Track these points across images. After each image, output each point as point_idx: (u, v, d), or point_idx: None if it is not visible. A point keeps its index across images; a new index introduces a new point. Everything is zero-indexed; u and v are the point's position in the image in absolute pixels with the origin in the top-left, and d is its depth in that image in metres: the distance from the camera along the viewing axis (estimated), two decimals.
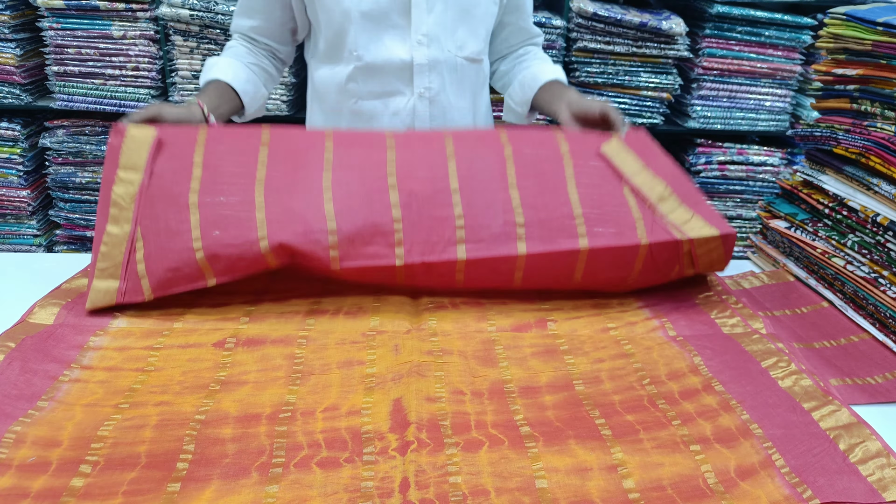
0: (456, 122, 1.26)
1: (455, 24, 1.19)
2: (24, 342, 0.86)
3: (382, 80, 1.19)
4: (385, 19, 1.14)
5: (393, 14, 1.14)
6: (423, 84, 1.19)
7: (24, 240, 2.44)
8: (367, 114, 1.22)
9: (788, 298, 1.11)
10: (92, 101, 2.25)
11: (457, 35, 1.19)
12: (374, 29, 1.15)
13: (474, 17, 1.21)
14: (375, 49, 1.16)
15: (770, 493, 0.67)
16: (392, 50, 1.16)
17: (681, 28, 2.17)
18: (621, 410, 0.80)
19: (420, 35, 1.16)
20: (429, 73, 1.18)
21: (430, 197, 0.99)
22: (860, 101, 1.09)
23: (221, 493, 0.66)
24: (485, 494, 0.67)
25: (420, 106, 1.20)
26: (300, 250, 0.95)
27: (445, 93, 1.22)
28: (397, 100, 1.20)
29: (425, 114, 1.21)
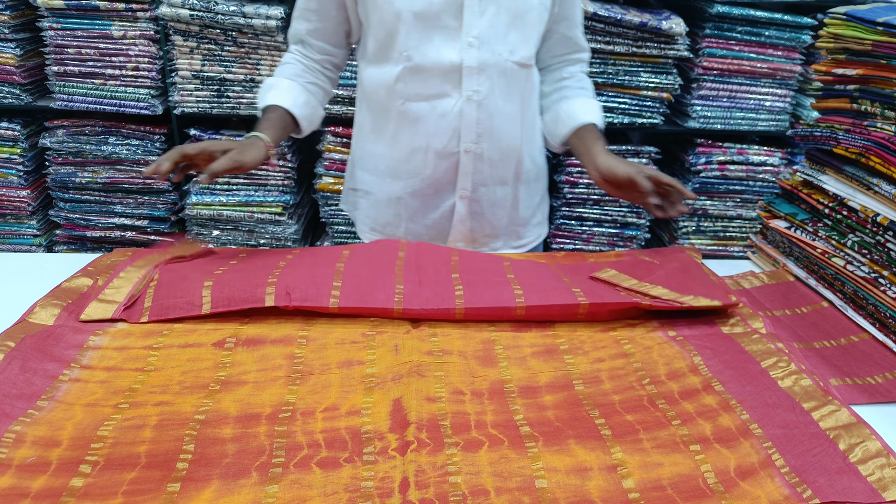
0: (503, 127, 1.23)
1: (507, 27, 1.17)
2: (23, 342, 0.86)
3: (430, 82, 1.18)
4: (436, 20, 1.14)
5: (445, 15, 1.14)
6: (472, 87, 1.18)
7: (23, 240, 2.44)
8: (414, 115, 1.21)
9: (788, 298, 1.11)
10: (92, 101, 2.24)
11: (508, 39, 1.18)
12: (425, 29, 1.14)
13: (526, 21, 1.19)
14: (425, 50, 1.16)
15: (770, 492, 0.67)
16: (441, 51, 1.16)
17: (681, 28, 2.17)
18: (621, 410, 0.80)
19: (471, 37, 1.15)
20: (478, 75, 1.17)
21: (432, 280, 1.02)
22: (860, 101, 1.09)
23: (221, 493, 0.66)
24: (485, 494, 0.67)
25: (467, 109, 1.19)
26: (301, 296, 0.97)
27: (494, 97, 1.20)
28: (445, 102, 1.19)
29: (472, 117, 1.20)
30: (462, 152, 1.23)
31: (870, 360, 0.94)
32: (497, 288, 0.99)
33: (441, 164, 1.24)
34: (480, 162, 1.24)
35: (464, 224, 1.31)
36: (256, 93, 2.22)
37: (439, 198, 1.28)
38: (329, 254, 1.10)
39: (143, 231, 2.41)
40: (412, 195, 1.28)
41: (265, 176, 2.33)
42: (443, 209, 1.29)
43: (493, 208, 1.31)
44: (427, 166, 1.25)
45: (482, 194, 1.28)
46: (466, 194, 1.27)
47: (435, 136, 1.22)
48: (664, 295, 0.99)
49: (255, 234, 2.40)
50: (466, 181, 1.26)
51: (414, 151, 1.24)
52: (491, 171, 1.26)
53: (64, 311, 0.95)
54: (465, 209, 1.29)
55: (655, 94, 2.29)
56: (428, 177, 1.26)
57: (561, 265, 1.17)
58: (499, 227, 1.34)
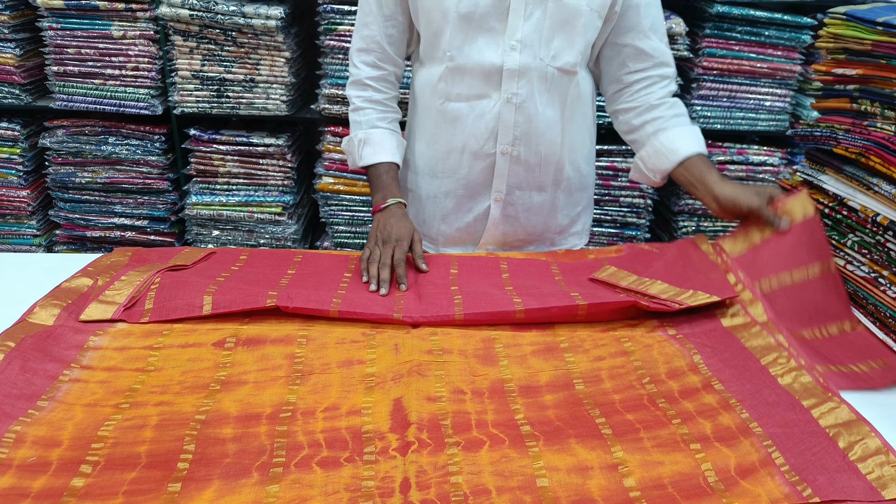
0: (543, 131, 1.22)
1: (552, 32, 1.16)
2: (23, 342, 0.86)
3: (471, 83, 1.19)
4: (482, 22, 1.15)
5: (490, 18, 1.14)
6: (511, 90, 1.18)
7: (23, 240, 2.44)
8: (453, 115, 1.22)
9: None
10: (92, 101, 2.24)
11: (552, 44, 1.17)
12: (469, 30, 1.15)
13: (573, 28, 1.17)
14: (468, 51, 1.17)
15: (770, 491, 0.67)
16: (484, 53, 1.17)
17: (681, 28, 2.17)
18: (621, 409, 0.80)
19: (514, 41, 1.15)
20: (518, 79, 1.17)
21: (431, 294, 1.03)
22: (860, 100, 1.09)
23: (222, 493, 0.66)
24: (486, 494, 0.67)
25: (506, 111, 1.19)
26: (303, 306, 0.97)
27: (533, 100, 1.20)
28: (483, 103, 1.20)
29: (510, 119, 1.20)
30: (498, 154, 1.23)
31: (854, 349, 0.95)
32: (495, 300, 1.00)
33: (477, 164, 1.25)
34: (517, 165, 1.24)
35: (497, 228, 1.31)
36: (256, 93, 2.23)
37: (474, 200, 1.29)
38: (331, 273, 1.11)
39: (142, 231, 2.41)
40: (447, 195, 1.29)
41: (265, 176, 2.33)
42: (476, 212, 1.30)
43: (528, 213, 1.30)
44: (463, 166, 1.26)
45: (517, 198, 1.28)
46: (501, 197, 1.27)
47: (472, 137, 1.23)
48: (662, 293, 0.99)
49: (255, 234, 2.40)
50: (501, 184, 1.26)
51: (451, 151, 1.25)
52: (527, 175, 1.26)
53: (64, 312, 0.95)
54: (499, 212, 1.29)
55: None
56: (464, 177, 1.27)
57: (561, 264, 1.17)
58: (533, 234, 1.34)
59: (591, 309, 0.97)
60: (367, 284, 1.07)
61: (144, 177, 2.34)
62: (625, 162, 2.36)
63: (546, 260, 1.18)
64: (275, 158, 2.30)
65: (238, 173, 2.33)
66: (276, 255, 1.17)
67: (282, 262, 1.14)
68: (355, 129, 1.30)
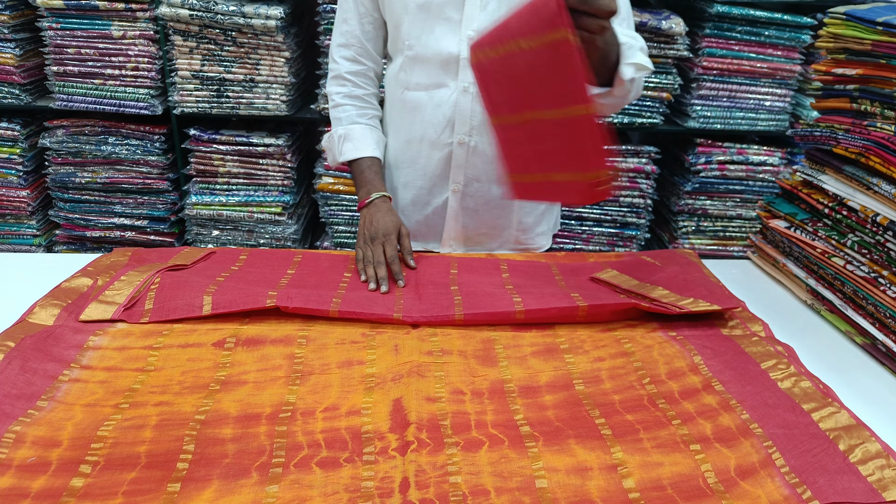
0: None
1: None
2: (23, 342, 0.86)
3: (430, 72, 1.21)
4: (439, 12, 1.17)
5: (447, 7, 1.17)
6: (468, 79, 1.19)
7: (23, 240, 2.44)
8: (412, 104, 1.24)
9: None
10: (91, 101, 2.24)
11: None
12: (427, 20, 1.18)
13: None
14: (426, 40, 1.19)
15: (770, 492, 0.67)
16: (442, 42, 1.18)
17: (680, 28, 2.17)
18: (621, 410, 0.80)
19: (471, 30, 1.17)
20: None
21: (431, 294, 1.04)
22: (860, 100, 1.09)
23: (221, 493, 0.66)
24: (485, 494, 0.67)
25: (463, 100, 1.20)
26: (302, 306, 0.97)
27: None
28: (441, 92, 1.22)
29: (467, 109, 1.21)
30: (455, 144, 1.23)
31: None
32: (495, 300, 1.00)
33: (435, 154, 1.25)
34: (474, 156, 1.25)
35: (457, 221, 1.31)
36: (256, 93, 2.23)
37: (432, 192, 1.29)
38: (331, 273, 1.11)
39: (142, 231, 2.40)
40: (405, 186, 1.30)
41: (265, 176, 2.33)
42: (435, 204, 1.30)
43: (488, 207, 1.30)
44: (421, 156, 1.26)
45: (475, 190, 1.28)
46: (459, 188, 1.27)
47: (430, 126, 1.23)
48: (664, 297, 1.00)
49: (255, 234, 2.40)
50: (459, 174, 1.26)
51: (410, 141, 1.27)
52: (485, 166, 1.26)
53: (64, 312, 0.94)
54: (458, 204, 1.29)
55: (655, 94, 2.29)
56: (422, 167, 1.27)
57: (561, 265, 1.17)
58: (495, 228, 1.34)
59: (591, 310, 0.97)
60: (367, 284, 1.07)
61: (144, 177, 2.34)
62: (625, 162, 2.36)
63: (546, 262, 1.18)
64: (275, 158, 2.30)
65: (238, 173, 2.33)
66: (275, 255, 1.17)
67: (281, 262, 1.14)
68: (335, 125, 1.32)
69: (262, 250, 1.19)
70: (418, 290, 1.06)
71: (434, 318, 0.97)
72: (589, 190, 0.91)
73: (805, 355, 0.93)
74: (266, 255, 1.16)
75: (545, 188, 1.01)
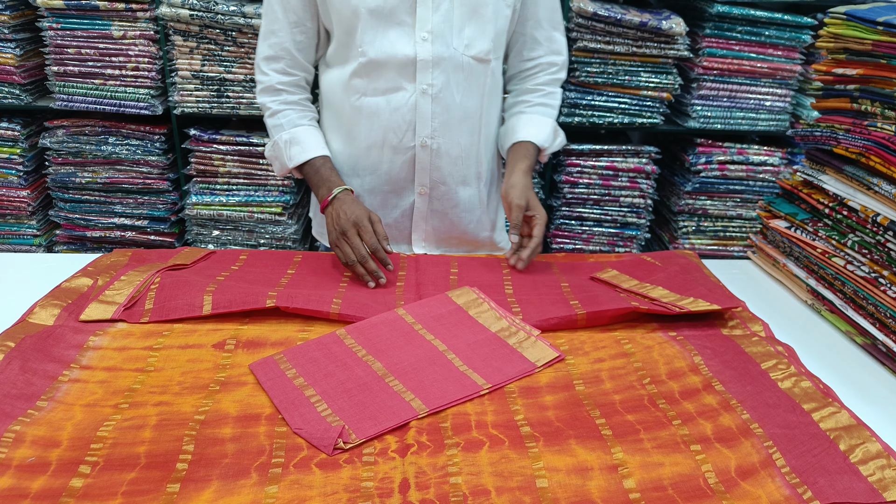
0: (461, 121, 1.23)
1: (462, 21, 1.19)
2: (23, 342, 0.86)
3: (386, 76, 1.19)
4: (391, 16, 1.15)
5: (399, 11, 1.15)
6: (426, 80, 1.19)
7: (23, 240, 2.44)
8: (369, 110, 1.22)
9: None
10: (92, 101, 2.24)
11: (464, 33, 1.19)
12: (380, 25, 1.16)
13: (482, 16, 1.20)
14: (380, 45, 1.17)
15: (770, 493, 0.67)
16: (396, 46, 1.17)
17: (681, 28, 2.17)
18: (621, 410, 0.80)
19: (425, 32, 1.17)
20: (432, 69, 1.19)
21: (431, 294, 1.04)
22: (860, 100, 1.09)
23: (221, 494, 0.66)
24: (485, 494, 0.66)
25: (422, 102, 1.20)
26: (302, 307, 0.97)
27: (450, 90, 1.21)
28: (399, 96, 1.20)
29: (427, 110, 1.21)
30: (418, 147, 1.23)
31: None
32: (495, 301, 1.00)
33: (397, 158, 1.24)
34: (438, 158, 1.24)
35: (426, 222, 1.30)
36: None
37: (398, 195, 1.28)
38: (331, 273, 1.10)
39: (142, 231, 2.41)
40: (371, 192, 1.28)
41: (265, 176, 2.33)
42: (402, 207, 1.29)
43: (457, 210, 1.30)
44: (384, 161, 1.25)
45: (443, 193, 1.28)
46: (425, 191, 1.27)
47: (390, 131, 1.22)
48: (664, 297, 0.99)
49: (255, 234, 2.40)
50: (424, 177, 1.26)
51: (370, 147, 1.25)
52: (451, 168, 1.26)
53: (64, 312, 0.94)
54: (426, 207, 1.29)
55: (655, 94, 2.29)
56: (385, 172, 1.26)
57: (561, 265, 1.17)
58: (467, 231, 1.33)
59: (590, 317, 0.98)
60: (366, 283, 1.07)
61: (144, 177, 2.34)
62: (625, 162, 2.36)
63: (546, 262, 1.18)
64: None
65: (238, 173, 2.33)
66: (275, 255, 1.17)
67: (281, 262, 1.14)
68: (277, 131, 1.26)
69: (262, 251, 1.19)
70: (419, 290, 1.06)
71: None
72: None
73: (805, 355, 0.93)
74: (266, 256, 1.16)
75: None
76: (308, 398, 0.80)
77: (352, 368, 0.85)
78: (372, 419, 0.76)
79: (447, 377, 0.84)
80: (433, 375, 0.84)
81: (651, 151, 2.36)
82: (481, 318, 0.97)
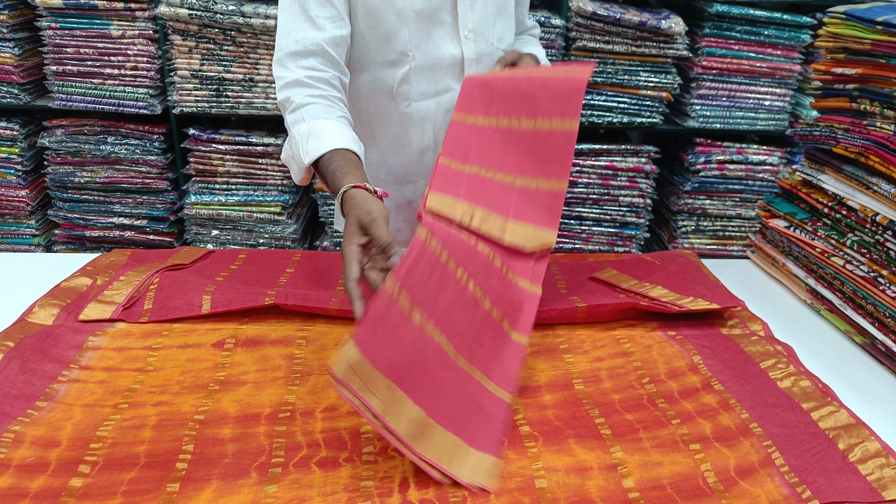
0: None
1: (495, 17, 1.20)
2: (22, 342, 0.85)
3: (435, 79, 1.18)
4: (435, 17, 1.14)
5: (441, 11, 1.15)
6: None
7: (22, 239, 2.44)
8: (420, 115, 1.19)
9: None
10: (91, 101, 2.24)
11: (496, 28, 1.21)
12: (426, 27, 1.15)
13: (507, 10, 1.22)
14: (427, 48, 1.16)
15: (769, 492, 0.67)
16: (442, 47, 1.16)
17: (680, 27, 2.17)
18: (621, 410, 0.80)
19: (467, 30, 1.17)
20: (477, 66, 1.19)
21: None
22: (859, 100, 1.09)
23: (221, 493, 0.66)
24: (484, 494, 0.66)
25: None
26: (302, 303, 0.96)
27: None
28: (449, 96, 1.20)
29: None
30: None
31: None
32: None
33: None
34: None
35: None
36: (255, 92, 2.23)
37: None
38: (330, 272, 1.10)
39: (141, 231, 2.40)
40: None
41: (264, 175, 2.33)
42: None
43: None
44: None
45: None
46: None
47: (442, 132, 1.21)
48: (663, 296, 1.00)
49: (255, 233, 2.39)
50: None
51: (424, 151, 1.23)
52: None
53: (63, 311, 0.94)
54: None
55: (655, 94, 2.29)
56: None
57: (561, 264, 1.17)
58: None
59: (590, 310, 0.97)
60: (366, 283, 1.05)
61: (143, 176, 2.34)
62: (624, 161, 2.36)
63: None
64: (274, 158, 2.30)
65: (237, 173, 2.33)
66: (274, 254, 1.17)
67: (280, 261, 1.14)
68: (296, 126, 1.03)
69: (261, 250, 1.19)
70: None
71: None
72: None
73: (804, 355, 0.93)
74: (265, 255, 1.16)
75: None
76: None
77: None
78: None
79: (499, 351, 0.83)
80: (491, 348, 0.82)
81: (650, 151, 2.36)
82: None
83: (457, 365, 0.76)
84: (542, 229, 0.94)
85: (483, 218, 0.94)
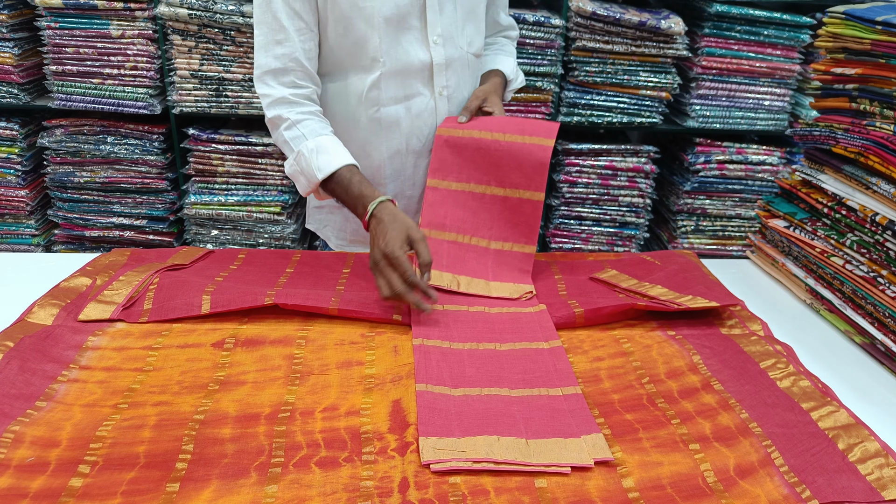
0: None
1: (464, 22, 1.21)
2: (22, 342, 0.85)
3: (405, 84, 1.18)
4: (404, 22, 1.15)
5: (410, 17, 1.15)
6: (442, 83, 1.20)
7: (22, 239, 2.44)
8: (389, 120, 1.20)
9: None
10: (90, 101, 2.24)
11: (466, 33, 1.21)
12: (395, 33, 1.15)
13: (477, 14, 1.23)
14: (396, 53, 1.16)
15: (769, 492, 0.67)
16: (411, 52, 1.17)
17: (680, 27, 2.17)
18: (620, 409, 0.80)
19: (436, 35, 1.17)
20: (446, 71, 1.20)
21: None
22: (859, 100, 1.09)
23: (220, 493, 0.66)
24: (484, 494, 0.66)
25: (441, 105, 1.21)
26: (301, 303, 0.97)
27: (460, 89, 1.23)
28: (418, 101, 1.20)
29: (445, 112, 1.22)
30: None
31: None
32: None
33: (421, 162, 1.25)
34: None
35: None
36: (255, 92, 2.22)
37: (422, 197, 1.28)
38: (330, 272, 1.10)
39: (141, 231, 2.40)
40: (396, 197, 1.27)
41: (264, 175, 2.33)
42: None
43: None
44: (407, 167, 1.25)
45: None
46: None
47: (412, 137, 1.22)
48: (662, 295, 1.00)
49: (254, 233, 2.39)
50: None
51: (394, 154, 1.23)
52: None
53: (63, 311, 0.94)
54: None
55: (654, 94, 2.29)
56: (410, 177, 1.26)
57: (560, 264, 1.17)
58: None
59: (588, 315, 0.98)
60: (366, 283, 1.06)
61: (143, 176, 2.34)
62: (623, 161, 2.36)
63: (545, 261, 1.18)
64: (273, 158, 2.30)
65: (237, 173, 2.33)
66: (274, 254, 1.17)
67: (280, 261, 1.14)
68: (298, 143, 1.12)
69: (261, 250, 1.19)
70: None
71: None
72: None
73: (804, 354, 0.93)
74: (264, 255, 1.16)
75: (470, 250, 1.11)
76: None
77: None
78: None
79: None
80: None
81: (650, 151, 2.36)
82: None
83: (521, 395, 0.81)
84: (520, 285, 1.07)
85: (468, 283, 1.07)
